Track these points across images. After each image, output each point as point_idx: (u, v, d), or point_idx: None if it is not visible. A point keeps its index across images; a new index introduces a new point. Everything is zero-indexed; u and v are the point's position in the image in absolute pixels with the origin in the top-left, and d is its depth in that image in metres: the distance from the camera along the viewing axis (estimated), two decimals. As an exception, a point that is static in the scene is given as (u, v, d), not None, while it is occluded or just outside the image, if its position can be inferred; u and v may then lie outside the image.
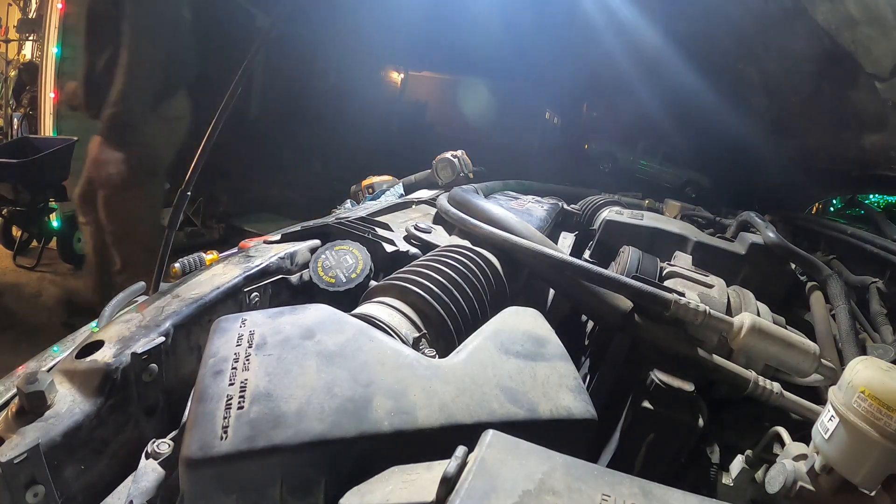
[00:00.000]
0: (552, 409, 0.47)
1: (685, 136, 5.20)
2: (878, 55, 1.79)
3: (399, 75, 10.35)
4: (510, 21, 6.44)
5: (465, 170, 1.47)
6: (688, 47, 3.23)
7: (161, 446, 0.49)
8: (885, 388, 0.45)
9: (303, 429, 0.40)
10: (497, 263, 0.81)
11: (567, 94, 8.85)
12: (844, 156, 2.39)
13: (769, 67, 2.61)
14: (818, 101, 2.34)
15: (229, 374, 0.44)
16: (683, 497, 0.35)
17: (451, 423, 0.43)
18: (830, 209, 3.77)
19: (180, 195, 1.21)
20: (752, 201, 2.82)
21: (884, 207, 5.82)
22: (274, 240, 0.85)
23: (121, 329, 0.56)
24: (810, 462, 0.52)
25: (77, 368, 0.51)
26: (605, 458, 0.68)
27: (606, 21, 3.82)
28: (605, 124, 8.87)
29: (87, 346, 0.53)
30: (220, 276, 0.70)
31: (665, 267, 0.95)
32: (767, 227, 1.26)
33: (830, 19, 1.92)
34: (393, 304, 0.63)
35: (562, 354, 0.55)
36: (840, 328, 0.91)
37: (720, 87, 3.17)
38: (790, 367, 0.69)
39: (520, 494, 0.33)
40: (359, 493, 0.39)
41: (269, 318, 0.51)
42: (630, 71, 4.17)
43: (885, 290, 1.25)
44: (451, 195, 1.03)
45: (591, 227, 1.45)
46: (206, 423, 0.40)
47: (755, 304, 0.85)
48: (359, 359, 0.47)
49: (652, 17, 3.39)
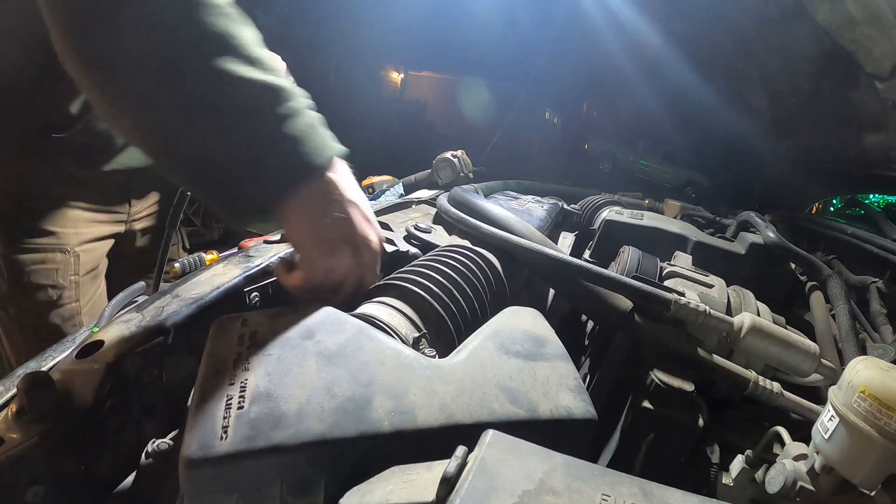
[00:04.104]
0: (552, 409, 0.47)
1: (685, 135, 5.21)
2: (878, 55, 1.79)
3: (399, 75, 10.36)
4: (510, 21, 6.45)
5: (465, 170, 1.47)
6: (688, 47, 3.23)
7: (161, 446, 0.49)
8: (885, 388, 0.45)
9: (303, 429, 0.40)
10: (497, 263, 0.81)
11: (567, 93, 8.85)
12: (844, 156, 2.39)
13: (769, 67, 2.61)
14: (818, 101, 2.34)
15: (229, 373, 0.44)
16: (683, 497, 0.35)
17: (451, 423, 0.44)
18: (830, 209, 3.77)
19: (180, 195, 1.21)
20: (752, 201, 2.82)
21: (884, 207, 5.83)
22: (274, 240, 0.85)
23: (121, 329, 0.56)
24: (810, 462, 0.52)
25: (77, 368, 0.51)
26: (605, 458, 0.68)
27: (606, 21, 3.83)
28: (605, 124, 8.88)
29: (87, 346, 0.53)
30: (220, 276, 0.70)
31: (665, 267, 0.95)
32: (767, 227, 1.26)
33: (830, 19, 1.92)
34: (393, 304, 0.63)
35: (562, 354, 0.55)
36: (840, 328, 0.91)
37: (720, 87, 3.17)
38: (790, 367, 0.70)
39: (520, 494, 0.33)
40: (359, 493, 0.39)
41: (269, 318, 0.51)
42: (630, 71, 4.18)
43: (885, 289, 1.25)
44: (451, 195, 1.03)
45: (591, 226, 1.45)
46: (206, 423, 0.40)
47: (755, 304, 0.85)
48: (359, 359, 0.47)
49: (652, 17, 3.40)
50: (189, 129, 0.53)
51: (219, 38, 0.51)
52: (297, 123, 0.55)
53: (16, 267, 1.09)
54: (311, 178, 0.56)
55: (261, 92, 0.53)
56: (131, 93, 0.52)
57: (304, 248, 0.60)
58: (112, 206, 1.22)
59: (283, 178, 0.55)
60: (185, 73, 0.51)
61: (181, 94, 0.51)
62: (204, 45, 0.51)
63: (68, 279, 1.15)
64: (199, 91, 0.52)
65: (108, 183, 1.18)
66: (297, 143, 0.55)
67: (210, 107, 0.52)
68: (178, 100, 0.52)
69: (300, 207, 0.57)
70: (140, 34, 0.49)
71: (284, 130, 0.54)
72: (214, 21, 0.51)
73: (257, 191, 0.55)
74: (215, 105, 0.52)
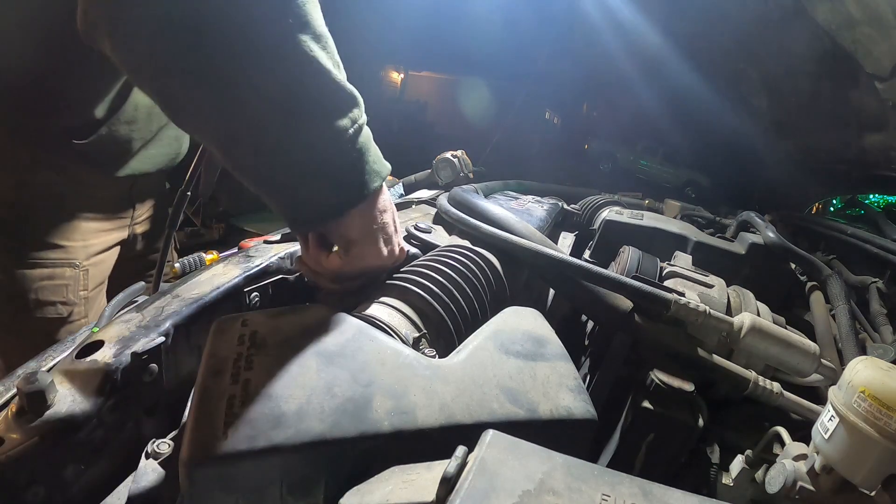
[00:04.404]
0: (552, 409, 0.47)
1: (685, 135, 5.20)
2: (878, 55, 1.79)
3: (399, 75, 10.35)
4: (510, 21, 6.45)
5: (465, 170, 1.47)
6: (688, 47, 3.23)
7: (161, 446, 0.49)
8: (885, 388, 0.45)
9: (303, 429, 0.40)
10: (497, 263, 0.81)
11: (567, 93, 8.84)
12: (844, 156, 2.39)
13: (769, 67, 2.61)
14: (818, 101, 2.34)
15: (229, 373, 0.44)
16: (683, 497, 0.35)
17: (451, 423, 0.44)
18: (830, 209, 3.77)
19: (180, 195, 1.21)
20: (752, 201, 2.82)
21: (884, 207, 5.83)
22: (274, 240, 0.85)
23: (121, 329, 0.56)
24: (810, 462, 0.52)
25: (77, 368, 0.51)
26: (605, 458, 0.68)
27: (606, 21, 3.82)
28: (605, 124, 8.87)
29: (87, 346, 0.53)
30: (220, 276, 0.70)
31: (665, 267, 0.95)
32: (767, 227, 1.26)
33: (830, 19, 1.92)
34: (393, 304, 0.63)
35: (562, 354, 0.55)
36: (840, 328, 0.91)
37: (720, 87, 3.17)
38: (790, 367, 0.70)
39: (520, 494, 0.33)
40: (359, 493, 0.39)
41: (269, 318, 0.51)
42: (630, 71, 4.17)
43: (885, 290, 1.25)
44: (451, 195, 1.02)
45: (591, 226, 1.45)
46: (206, 423, 0.40)
47: (755, 304, 0.85)
48: (359, 359, 0.47)
49: (652, 17, 3.40)
50: (269, 118, 0.52)
51: (298, 8, 0.50)
52: (365, 132, 0.60)
53: (22, 283, 1.03)
54: (376, 188, 0.62)
55: (342, 95, 0.57)
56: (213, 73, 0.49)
57: (357, 245, 0.64)
58: (118, 212, 1.18)
59: (355, 187, 0.60)
60: (268, 48, 0.49)
61: (263, 72, 0.50)
62: (286, 20, 0.49)
63: (78, 295, 1.10)
64: (283, 70, 0.50)
65: (116, 189, 1.14)
66: (366, 153, 0.60)
67: (294, 97, 0.52)
68: (258, 78, 0.50)
69: (361, 212, 0.62)
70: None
71: (360, 139, 0.59)
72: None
73: (334, 195, 0.59)
74: (298, 96, 0.52)
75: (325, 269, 0.66)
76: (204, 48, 0.48)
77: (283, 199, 0.59)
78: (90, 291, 1.13)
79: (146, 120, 1.06)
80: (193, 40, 0.47)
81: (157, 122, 1.10)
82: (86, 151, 0.99)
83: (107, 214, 1.15)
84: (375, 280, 0.71)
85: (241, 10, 0.48)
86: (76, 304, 1.10)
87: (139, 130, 1.06)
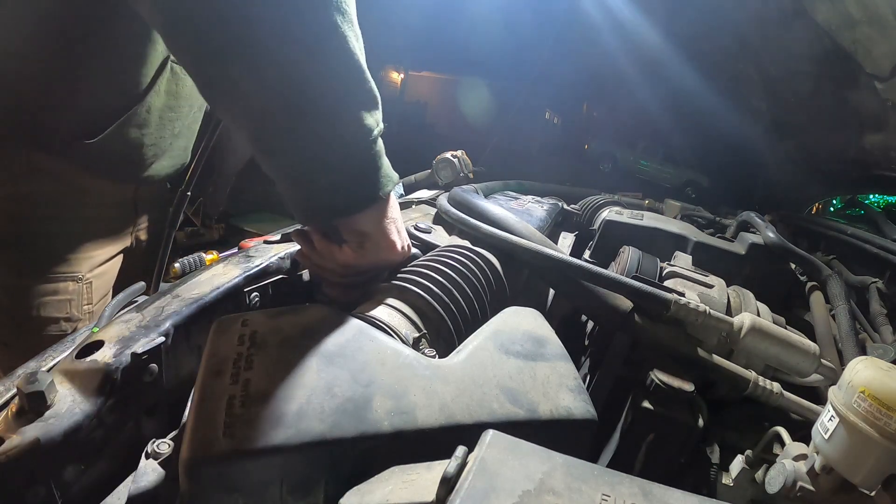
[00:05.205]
0: (552, 409, 0.47)
1: (685, 136, 5.20)
2: (878, 55, 1.79)
3: (399, 75, 10.36)
4: (510, 21, 6.45)
5: (465, 170, 1.47)
6: (688, 48, 3.23)
7: (161, 446, 0.49)
8: (885, 388, 0.45)
9: (303, 429, 0.40)
10: (497, 263, 0.80)
11: (567, 93, 8.84)
12: (844, 156, 2.39)
13: (769, 67, 2.61)
14: (818, 101, 2.34)
15: (229, 373, 0.44)
16: (683, 497, 0.35)
17: (451, 424, 0.44)
18: (830, 209, 3.77)
19: (180, 195, 1.21)
20: (752, 201, 2.82)
21: (884, 207, 5.83)
22: (274, 240, 0.85)
23: (121, 329, 0.56)
24: (810, 462, 0.52)
25: (77, 368, 0.51)
26: (605, 458, 0.68)
27: (606, 21, 3.82)
28: (605, 124, 8.88)
29: (87, 346, 0.53)
30: (220, 276, 0.70)
31: (665, 267, 0.95)
32: (767, 227, 1.26)
33: (830, 19, 1.92)
34: (393, 304, 0.63)
35: (562, 354, 0.55)
36: (840, 328, 0.91)
37: (720, 87, 3.16)
38: (790, 367, 0.70)
39: (520, 494, 0.33)
40: (359, 493, 0.39)
41: (269, 318, 0.51)
42: (630, 71, 4.17)
43: (885, 290, 1.25)
44: (451, 195, 1.02)
45: (591, 227, 1.45)
46: (206, 423, 0.40)
47: (755, 304, 0.85)
48: (359, 359, 0.47)
49: (652, 17, 3.39)
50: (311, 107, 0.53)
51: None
52: (380, 140, 0.62)
53: (24, 299, 0.97)
54: (388, 192, 0.66)
55: (372, 94, 0.59)
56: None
57: (371, 239, 0.67)
58: (122, 221, 1.14)
59: (375, 185, 0.63)
60: (311, 34, 0.50)
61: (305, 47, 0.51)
62: (330, 7, 0.51)
63: (82, 310, 1.04)
64: (322, 57, 0.51)
65: (120, 197, 1.10)
66: (383, 157, 0.63)
67: (330, 86, 0.53)
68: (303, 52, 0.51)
69: (378, 208, 0.66)
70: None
71: (379, 143, 0.62)
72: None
73: (357, 189, 0.62)
74: (334, 86, 0.53)
75: (337, 262, 0.68)
76: (248, 25, 0.49)
77: (304, 187, 0.60)
78: (94, 305, 1.08)
79: (158, 125, 1.02)
80: (236, 15, 0.48)
81: (168, 130, 1.05)
82: (92, 154, 0.94)
83: (110, 224, 1.10)
84: (379, 276, 0.72)
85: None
86: (80, 319, 1.05)
87: (150, 136, 1.02)
